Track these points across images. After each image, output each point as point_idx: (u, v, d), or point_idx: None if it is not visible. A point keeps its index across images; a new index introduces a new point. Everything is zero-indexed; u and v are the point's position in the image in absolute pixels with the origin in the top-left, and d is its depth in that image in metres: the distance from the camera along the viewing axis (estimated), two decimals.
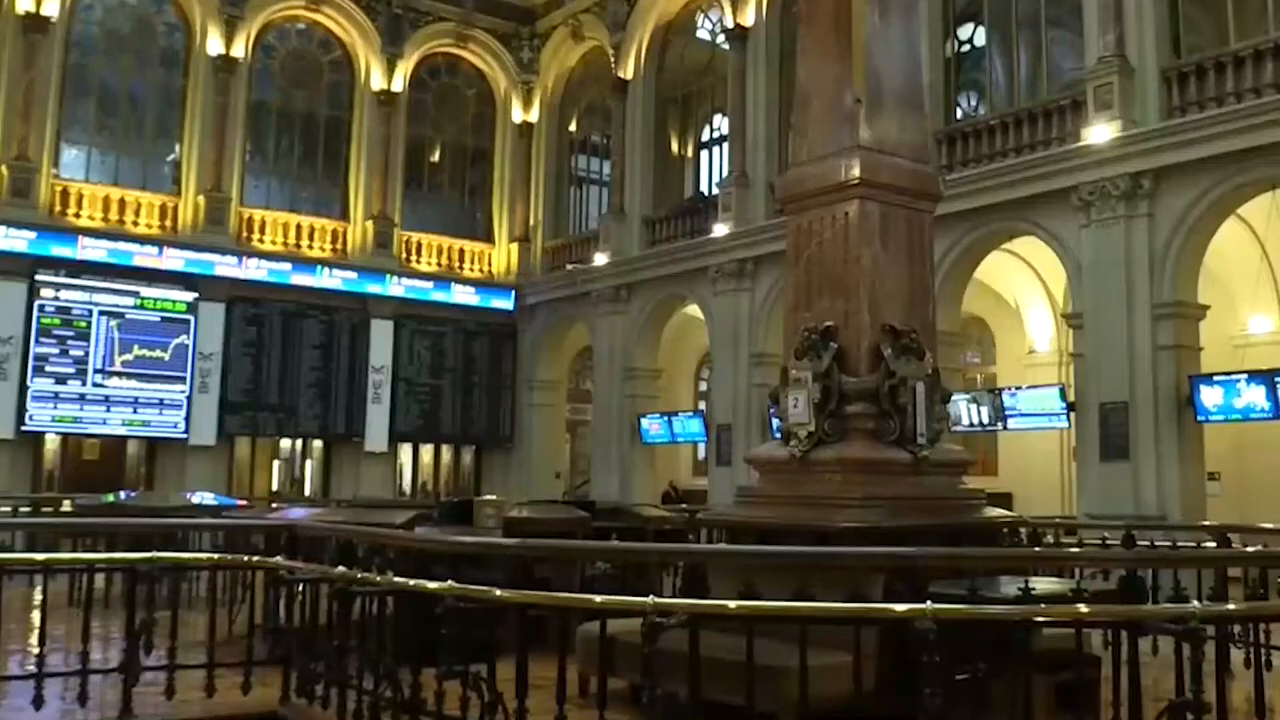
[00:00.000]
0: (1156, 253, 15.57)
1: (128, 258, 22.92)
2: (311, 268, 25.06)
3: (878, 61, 7.75)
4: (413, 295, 26.36)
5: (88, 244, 22.57)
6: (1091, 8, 16.59)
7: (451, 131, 28.22)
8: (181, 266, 23.46)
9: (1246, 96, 14.89)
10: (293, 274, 24.79)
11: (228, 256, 23.98)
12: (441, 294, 26.80)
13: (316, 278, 25.10)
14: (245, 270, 24.19)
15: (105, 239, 22.79)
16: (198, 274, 23.62)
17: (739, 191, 22.08)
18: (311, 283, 25.02)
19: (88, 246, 22.55)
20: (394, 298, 26.06)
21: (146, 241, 23.24)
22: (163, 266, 23.28)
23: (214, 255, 23.80)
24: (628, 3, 25.40)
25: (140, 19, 24.34)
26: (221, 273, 23.87)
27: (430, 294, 26.62)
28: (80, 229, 22.64)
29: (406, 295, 26.25)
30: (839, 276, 7.43)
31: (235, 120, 24.52)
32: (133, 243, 23.06)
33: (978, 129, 18.42)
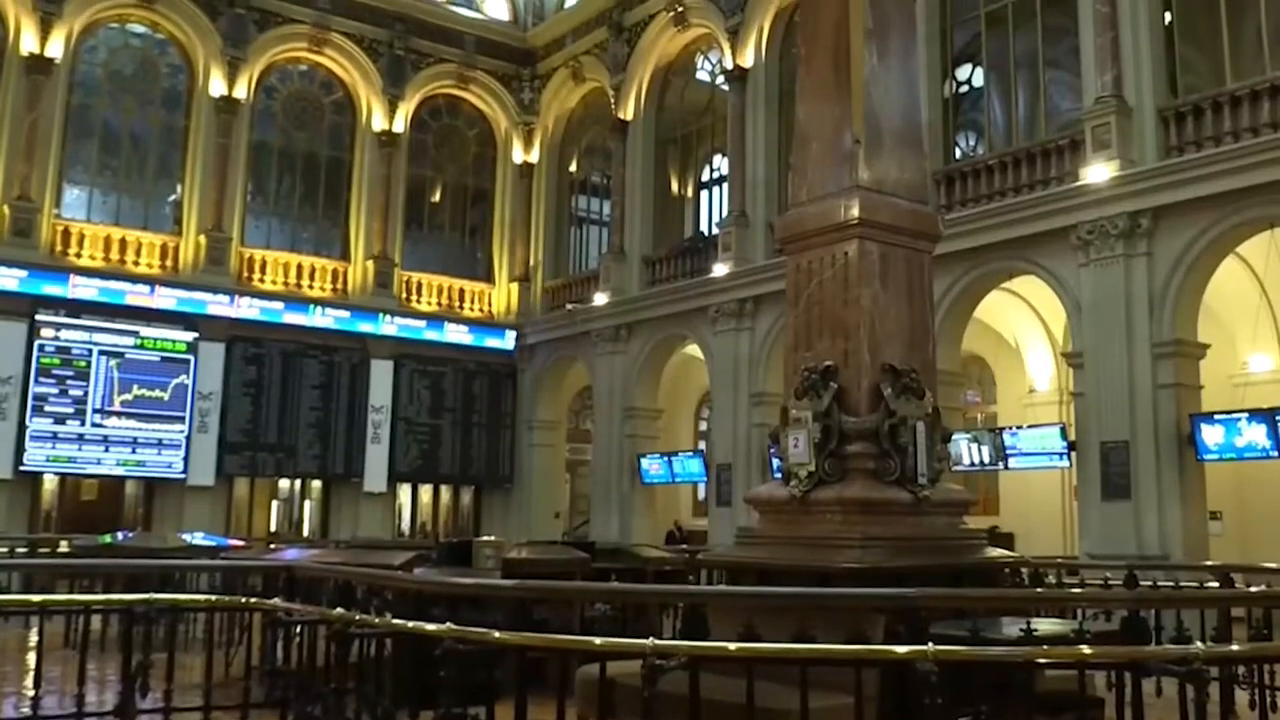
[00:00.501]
0: (1156, 291, 15.60)
1: (128, 297, 22.94)
2: (311, 307, 25.10)
3: (876, 102, 7.78)
4: (412, 335, 26.37)
5: (88, 284, 22.60)
6: (1089, 49, 16.70)
7: (452, 172, 28.35)
8: (182, 306, 23.50)
9: (1244, 136, 14.97)
10: (292, 314, 24.81)
11: (228, 296, 24.02)
12: (441, 334, 26.81)
13: (316, 317, 25.13)
14: (245, 310, 24.22)
15: (106, 279, 22.83)
16: (198, 314, 23.65)
17: (739, 231, 22.14)
18: (311, 322, 25.05)
19: (88, 286, 22.59)
20: (394, 337, 26.08)
21: (147, 281, 23.28)
22: (163, 306, 23.31)
23: (214, 295, 23.83)
24: (628, 44, 25.58)
25: (144, 60, 24.51)
26: (221, 313, 23.90)
27: (430, 334, 26.63)
28: (81, 269, 22.68)
29: (406, 335, 26.27)
30: (839, 316, 7.43)
31: (237, 160, 24.64)
32: (133, 282, 23.10)
33: (976, 169, 18.50)
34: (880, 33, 7.89)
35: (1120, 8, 16.31)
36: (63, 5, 22.78)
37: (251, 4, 24.93)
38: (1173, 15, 16.45)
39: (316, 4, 25.75)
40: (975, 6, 19.23)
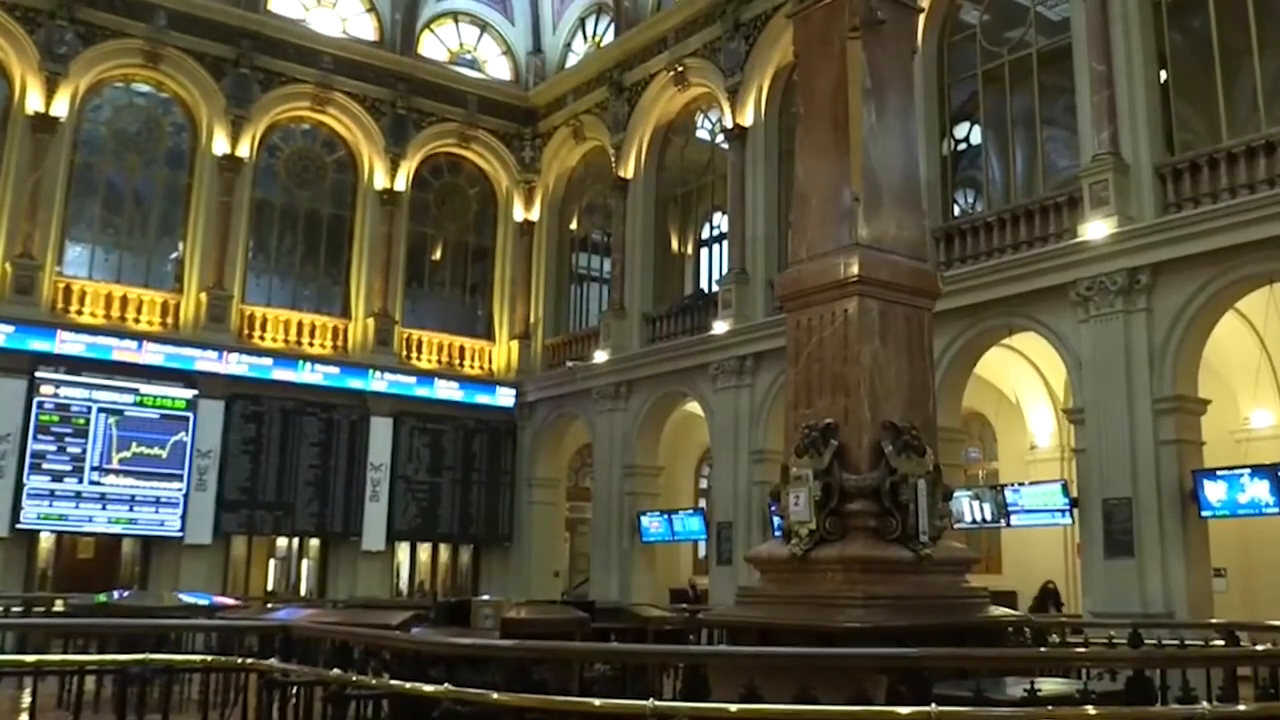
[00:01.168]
0: (1156, 347, 15.60)
1: (128, 355, 22.96)
2: (311, 365, 25.10)
3: (875, 161, 7.83)
4: (412, 392, 26.35)
5: (88, 341, 22.61)
6: (1085, 106, 16.83)
7: (453, 230, 28.49)
8: (182, 364, 23.50)
9: (1240, 192, 15.04)
10: (292, 371, 24.81)
11: (228, 354, 24.02)
12: (441, 391, 26.79)
13: (316, 375, 25.13)
14: (245, 367, 24.21)
15: (106, 336, 22.84)
16: (198, 371, 23.64)
17: (738, 288, 22.19)
18: (311, 380, 25.04)
19: (88, 343, 22.59)
20: (394, 395, 26.06)
21: (147, 339, 23.30)
22: (163, 364, 23.30)
23: (214, 352, 23.83)
24: (628, 104, 25.80)
25: (148, 119, 24.71)
26: (221, 370, 23.89)
27: (430, 391, 26.61)
28: (82, 326, 22.71)
29: (406, 392, 26.25)
30: (839, 373, 7.42)
31: (239, 218, 24.76)
32: (134, 340, 23.12)
33: (975, 226, 18.58)
34: (878, 92, 7.96)
35: (1116, 66, 16.47)
36: (68, 65, 23.01)
37: (256, 64, 25.17)
38: (1168, 73, 16.60)
39: (320, 64, 26.01)
40: (972, 66, 19.42)
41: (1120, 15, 16.58)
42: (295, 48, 25.78)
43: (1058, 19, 18.57)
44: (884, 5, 8.07)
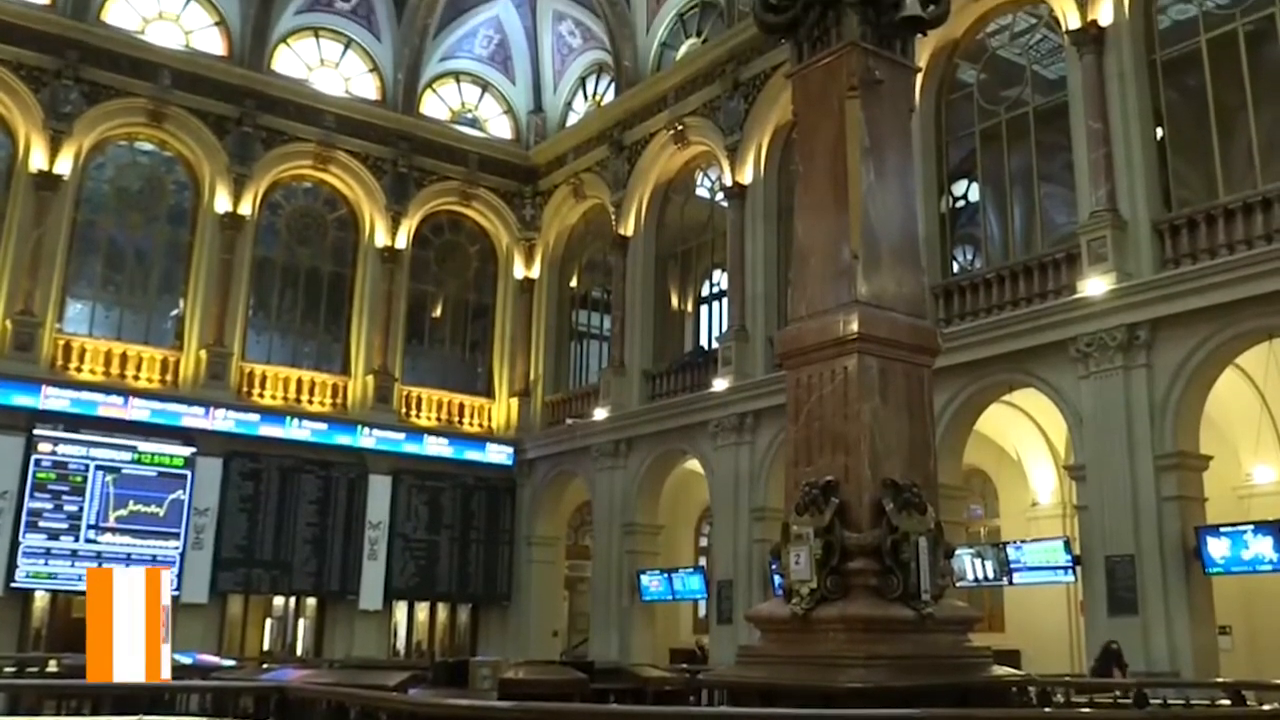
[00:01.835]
0: (1156, 403, 15.57)
1: (127, 412, 22.91)
2: (310, 422, 25.04)
3: (874, 218, 7.85)
4: (411, 450, 26.26)
5: (87, 398, 22.58)
6: (1082, 163, 16.93)
7: (453, 287, 28.56)
8: (180, 421, 23.45)
9: (1238, 248, 15.09)
10: (292, 428, 24.75)
11: (227, 411, 23.97)
12: (440, 449, 26.70)
13: (315, 432, 25.07)
14: (244, 425, 24.15)
15: (105, 393, 22.81)
16: (196, 429, 23.59)
17: (738, 345, 22.19)
18: (310, 437, 24.98)
19: (87, 401, 22.56)
20: (393, 453, 25.97)
21: (146, 396, 23.27)
22: (162, 421, 23.26)
23: (213, 410, 23.79)
24: (628, 162, 25.95)
25: (150, 177, 24.87)
26: (220, 427, 23.83)
27: (429, 449, 26.52)
28: (81, 383, 22.69)
29: (405, 450, 26.16)
30: (839, 431, 7.39)
31: (240, 276, 24.82)
32: (133, 397, 23.08)
33: (974, 283, 18.62)
34: (877, 151, 7.99)
35: (1112, 124, 16.59)
36: (73, 123, 23.18)
37: (259, 123, 25.37)
38: (1164, 130, 16.72)
39: (323, 123, 26.21)
40: (970, 124, 19.55)
41: (1116, 74, 16.73)
42: (298, 107, 26.00)
43: (1054, 78, 18.75)
44: (882, 65, 8.13)
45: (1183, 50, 16.79)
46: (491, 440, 27.56)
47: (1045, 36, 18.86)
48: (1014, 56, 19.39)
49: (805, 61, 8.39)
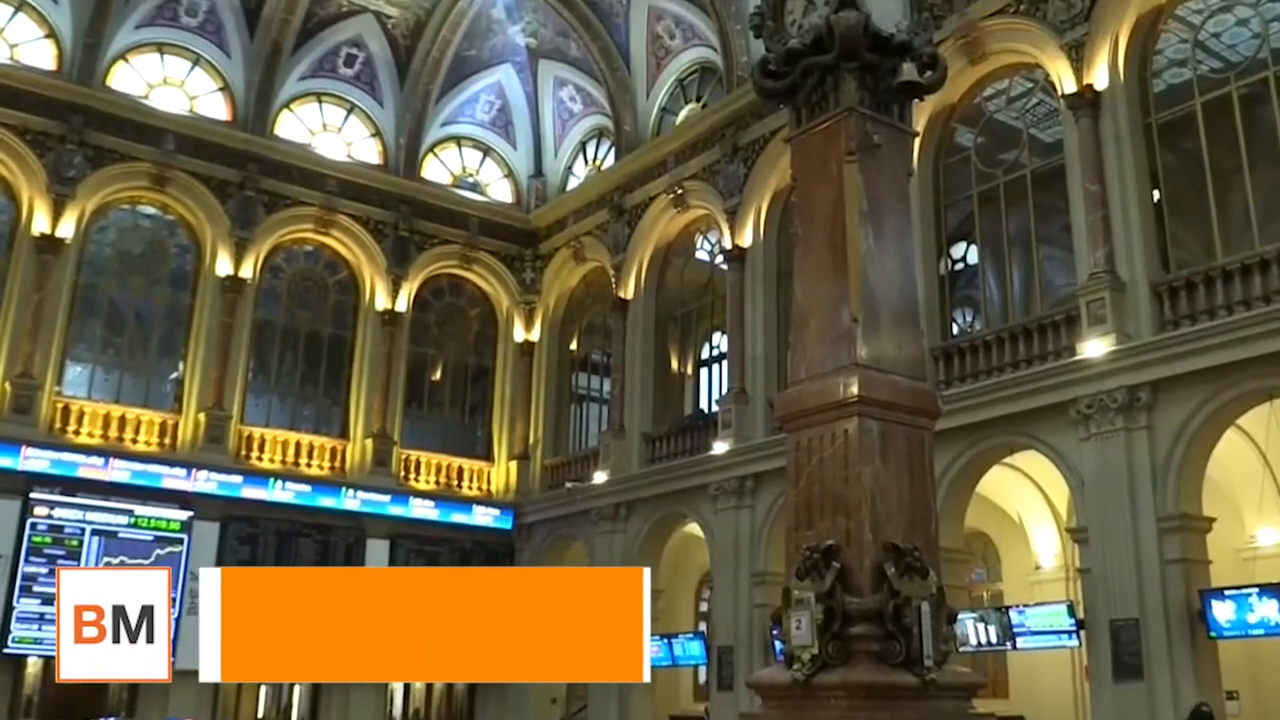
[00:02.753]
0: (1158, 465, 15.51)
1: (124, 475, 22.82)
2: (309, 486, 24.94)
3: (873, 281, 7.85)
4: (409, 514, 26.11)
5: (85, 461, 22.51)
6: (1080, 226, 17.01)
7: (453, 350, 28.58)
8: (178, 485, 23.36)
9: (1237, 309, 15.12)
10: (289, 492, 24.64)
11: (225, 475, 23.88)
12: (439, 513, 26.55)
13: (313, 496, 24.95)
14: (241, 489, 24.05)
15: (103, 456, 22.74)
16: (194, 492, 23.49)
17: (738, 408, 22.15)
18: (308, 501, 24.86)
19: (85, 464, 22.48)
20: (391, 516, 25.82)
21: (144, 459, 23.21)
22: (159, 484, 23.17)
23: (211, 474, 23.69)
24: (628, 225, 26.08)
25: (152, 240, 25.01)
26: (217, 491, 23.72)
27: (427, 513, 26.37)
28: (79, 446, 22.64)
29: (403, 514, 26.02)
30: (840, 494, 7.35)
31: (240, 339, 24.85)
32: (130, 460, 23.01)
33: (974, 344, 18.63)
34: (875, 214, 8.02)
35: (1110, 186, 16.68)
36: (76, 187, 23.34)
37: (261, 187, 25.55)
38: (1161, 193, 16.83)
39: (325, 187, 26.39)
40: (968, 187, 19.67)
41: (1112, 137, 16.86)
42: (301, 171, 26.21)
43: (1051, 140, 18.90)
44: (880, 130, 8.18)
45: (1178, 113, 16.92)
46: (490, 504, 27.42)
47: (1041, 100, 19.04)
48: (1011, 120, 19.57)
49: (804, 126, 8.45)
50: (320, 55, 27.06)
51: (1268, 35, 16.14)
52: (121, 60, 25.04)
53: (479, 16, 27.51)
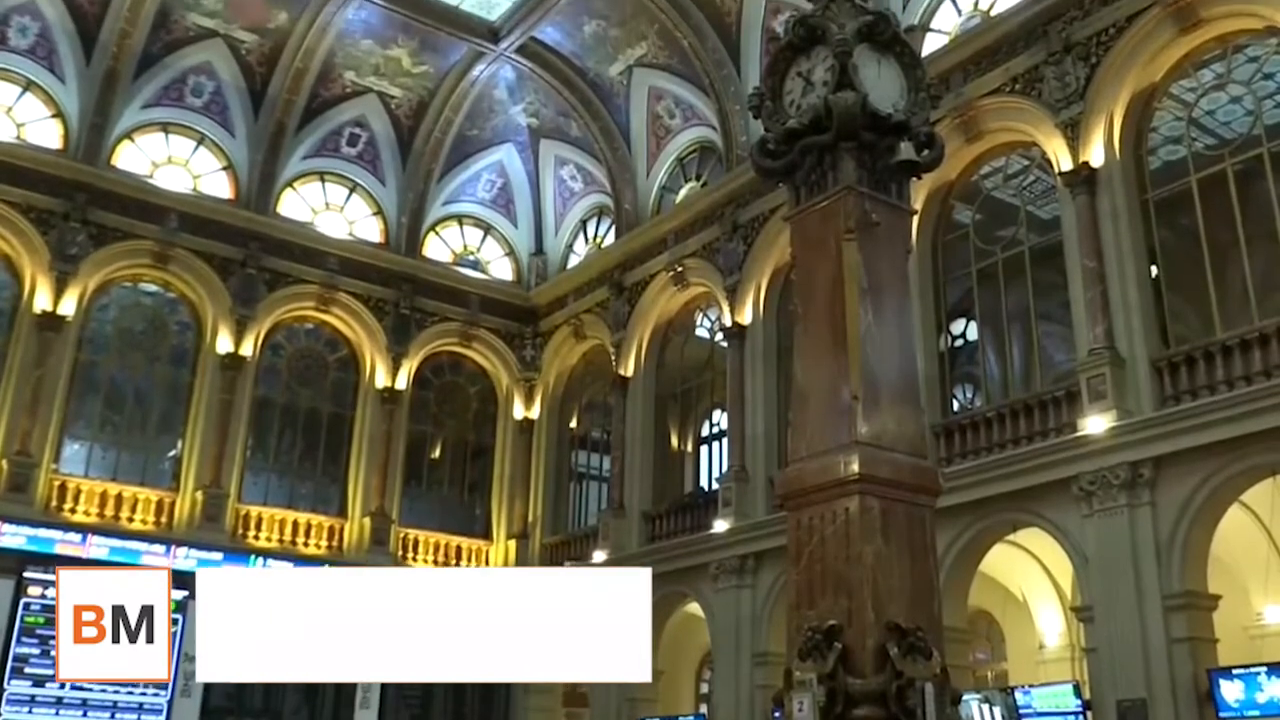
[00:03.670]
0: (1163, 542, 15.36)
1: (120, 555, 22.63)
2: (306, 565, 24.71)
3: (873, 359, 7.84)
4: None
5: (81, 540, 22.33)
6: (1079, 302, 17.04)
7: (453, 428, 28.51)
8: (174, 564, 23.15)
9: (1238, 384, 15.07)
10: None
11: (222, 554, 23.69)
12: None
13: None
14: (239, 569, 23.82)
15: (99, 535, 22.59)
16: (190, 571, 23.20)
17: (739, 486, 22.04)
18: None
19: (80, 543, 22.31)
20: None
21: (141, 538, 23.05)
22: (155, 564, 22.93)
23: (208, 553, 23.49)
24: (628, 303, 26.16)
25: (153, 318, 25.07)
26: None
27: None
28: (75, 525, 22.51)
29: None
30: (841, 574, 7.27)
31: (239, 417, 24.80)
32: (127, 539, 22.87)
33: (975, 421, 18.56)
34: (874, 292, 8.02)
35: (1108, 262, 16.74)
36: (78, 265, 23.45)
37: (263, 264, 25.67)
38: (1159, 269, 16.87)
39: (326, 265, 26.52)
40: (966, 263, 19.75)
41: (1109, 213, 16.95)
42: (302, 249, 26.36)
43: (1048, 217, 19.02)
44: (878, 208, 8.21)
45: (1174, 190, 17.04)
46: None
47: (1038, 178, 19.19)
48: (1008, 197, 19.71)
49: (802, 205, 8.48)
50: (324, 135, 27.36)
51: (1261, 112, 16.32)
52: (127, 139, 25.29)
53: (481, 97, 27.85)
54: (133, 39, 24.41)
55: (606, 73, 26.31)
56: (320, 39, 25.84)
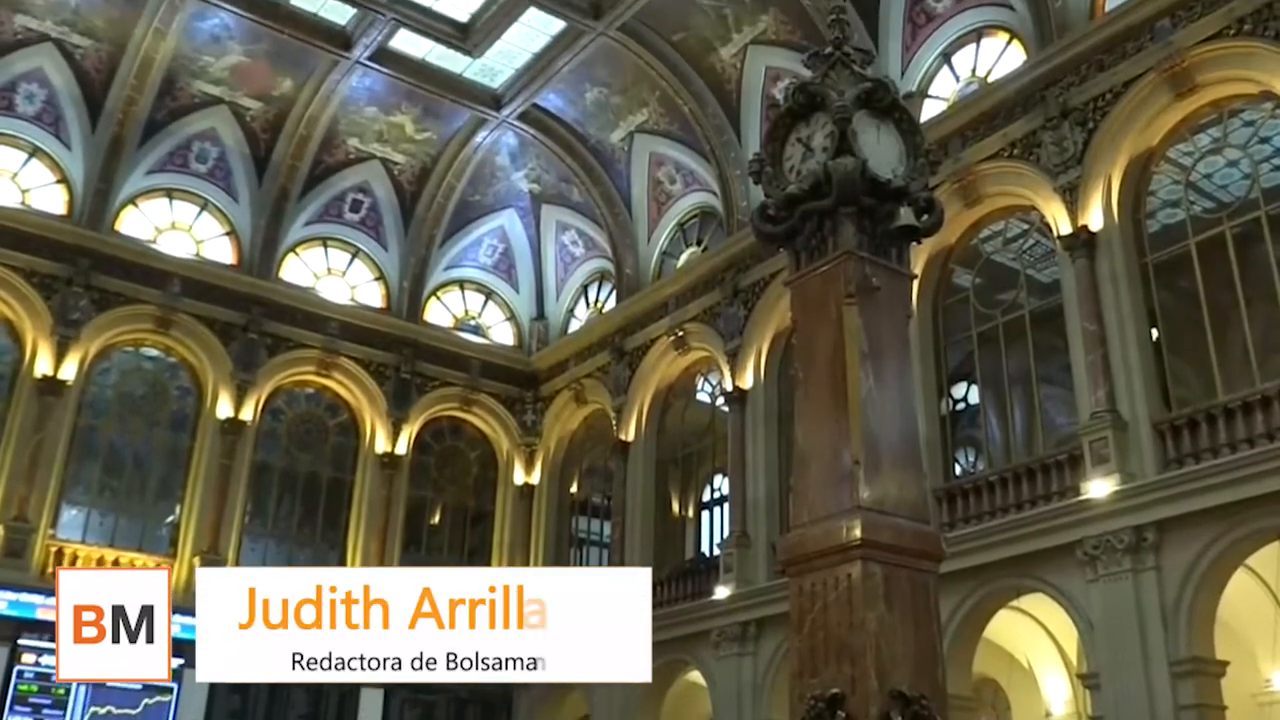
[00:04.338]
0: (1168, 607, 15.23)
1: None
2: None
3: (874, 423, 7.79)
4: None
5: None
6: (1080, 365, 17.04)
7: (452, 493, 28.38)
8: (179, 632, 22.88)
9: (1240, 447, 15.03)
10: None
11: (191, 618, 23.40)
12: None
13: None
14: None
15: None
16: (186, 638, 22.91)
17: (740, 552, 21.90)
18: None
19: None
20: None
21: None
22: None
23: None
24: (629, 368, 26.16)
25: (154, 383, 25.08)
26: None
27: None
28: None
29: None
30: (844, 641, 7.17)
31: (238, 482, 24.71)
32: None
33: (977, 485, 18.48)
34: (875, 356, 8.00)
35: (1108, 325, 16.76)
36: (80, 330, 23.50)
37: (264, 329, 25.72)
38: (1159, 331, 16.90)
39: (327, 330, 26.56)
40: (967, 327, 19.78)
41: (1109, 277, 17.01)
42: (304, 314, 26.42)
43: (1048, 281, 19.08)
44: (878, 272, 8.21)
45: (1173, 253, 17.14)
46: None
47: (1038, 241, 19.28)
48: (1008, 261, 19.80)
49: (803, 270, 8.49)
50: (327, 200, 27.54)
51: (1258, 176, 16.44)
52: (131, 205, 25.46)
53: (483, 163, 28.06)
54: (138, 106, 24.67)
55: (608, 139, 26.53)
56: (324, 106, 26.08)
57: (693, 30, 23.56)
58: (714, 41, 23.57)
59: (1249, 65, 16.09)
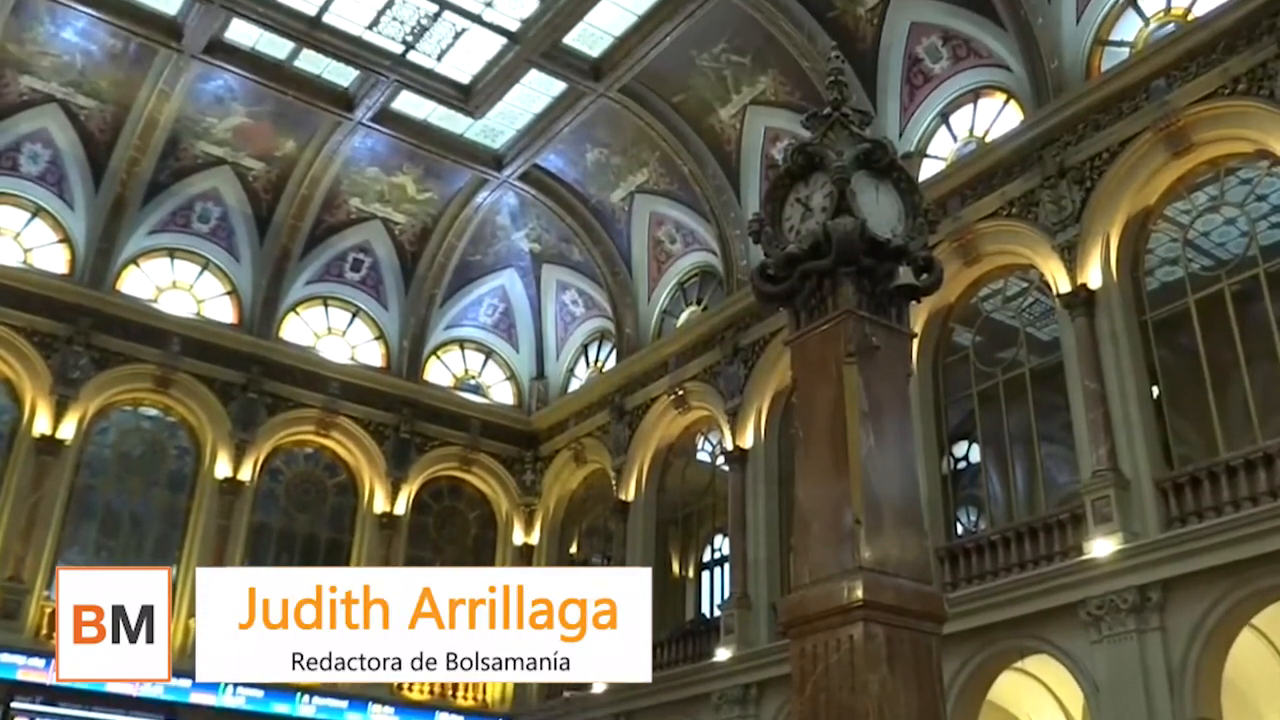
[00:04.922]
0: (1174, 667, 15.06)
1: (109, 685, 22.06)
2: (299, 697, 24.17)
3: (875, 482, 7.75)
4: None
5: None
6: (1081, 423, 16.99)
7: (451, 553, 28.15)
8: (162, 694, 22.62)
9: (1244, 505, 14.95)
10: (279, 703, 23.85)
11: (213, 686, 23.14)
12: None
13: (304, 707, 24.13)
14: (229, 699, 23.28)
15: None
16: (180, 702, 22.76)
17: (741, 613, 21.70)
18: (298, 712, 24.01)
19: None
20: None
21: None
22: (145, 694, 22.46)
23: (198, 684, 23.00)
24: (629, 427, 26.09)
25: (153, 442, 25.00)
26: (205, 701, 22.92)
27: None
28: None
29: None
30: (847, 704, 7.07)
31: (236, 542, 24.55)
32: None
33: (979, 545, 18.36)
34: (875, 415, 7.97)
35: (1108, 383, 16.74)
36: (80, 389, 23.49)
37: (264, 389, 25.69)
38: (1160, 389, 16.87)
39: (327, 389, 26.53)
40: (967, 385, 19.75)
41: (1109, 334, 17.02)
42: (304, 373, 26.41)
43: (1048, 339, 19.09)
44: (878, 331, 8.21)
45: (1173, 310, 17.17)
46: (486, 715, 26.57)
47: (1037, 299, 19.31)
48: (1008, 319, 19.82)
49: (803, 329, 8.49)
50: (328, 260, 27.63)
51: (1255, 234, 16.50)
52: (132, 264, 25.55)
53: (484, 223, 28.20)
54: (142, 166, 24.83)
55: (608, 199, 26.68)
56: (326, 166, 26.25)
57: (692, 91, 23.76)
58: (714, 102, 23.76)
59: (1245, 124, 16.21)
